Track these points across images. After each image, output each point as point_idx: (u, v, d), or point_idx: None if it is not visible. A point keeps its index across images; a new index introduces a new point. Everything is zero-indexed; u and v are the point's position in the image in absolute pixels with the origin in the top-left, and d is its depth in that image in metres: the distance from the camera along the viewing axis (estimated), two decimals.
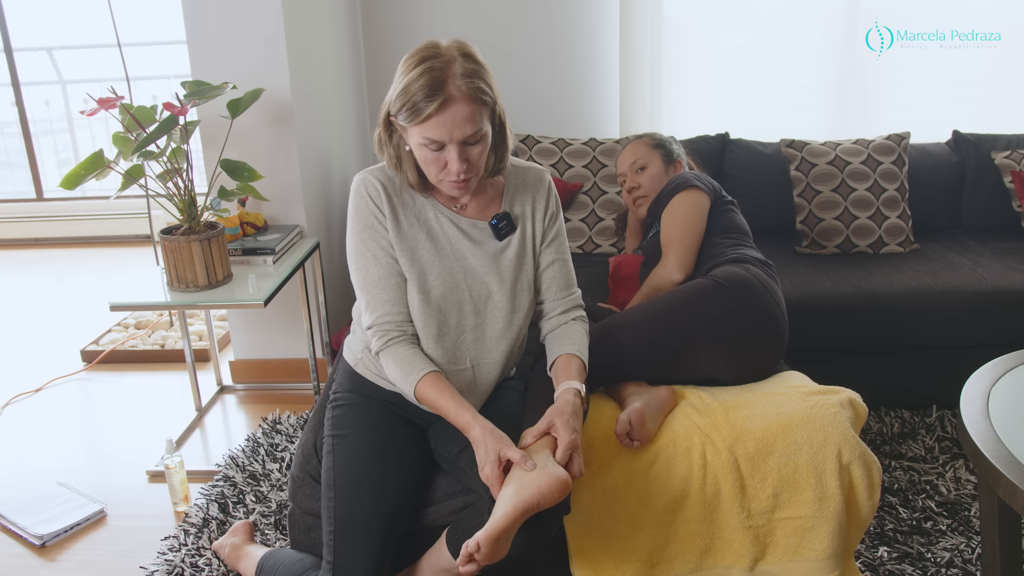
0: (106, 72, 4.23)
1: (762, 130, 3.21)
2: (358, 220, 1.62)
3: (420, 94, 1.43)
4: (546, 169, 1.75)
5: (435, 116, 1.44)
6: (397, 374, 1.58)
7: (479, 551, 1.35)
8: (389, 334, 1.60)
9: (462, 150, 1.48)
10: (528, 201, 1.68)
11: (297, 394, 2.97)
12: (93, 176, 2.29)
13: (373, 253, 1.60)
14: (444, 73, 1.44)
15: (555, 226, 1.71)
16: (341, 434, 1.65)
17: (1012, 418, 1.56)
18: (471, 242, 1.64)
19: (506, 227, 1.65)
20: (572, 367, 1.63)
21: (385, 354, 1.60)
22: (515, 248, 1.66)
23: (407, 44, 3.45)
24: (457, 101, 1.44)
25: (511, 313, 1.65)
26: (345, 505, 1.56)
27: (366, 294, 1.62)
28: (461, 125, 1.45)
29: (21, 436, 2.78)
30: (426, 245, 1.62)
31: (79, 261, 4.72)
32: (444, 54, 1.46)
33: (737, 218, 2.19)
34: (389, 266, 1.60)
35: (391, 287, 1.60)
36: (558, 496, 1.39)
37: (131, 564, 2.08)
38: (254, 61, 2.67)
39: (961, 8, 3.23)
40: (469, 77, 1.45)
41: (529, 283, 1.68)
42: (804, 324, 2.34)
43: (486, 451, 1.46)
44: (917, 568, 1.92)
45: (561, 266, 1.72)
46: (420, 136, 1.48)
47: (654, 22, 3.30)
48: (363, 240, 1.61)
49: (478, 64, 1.48)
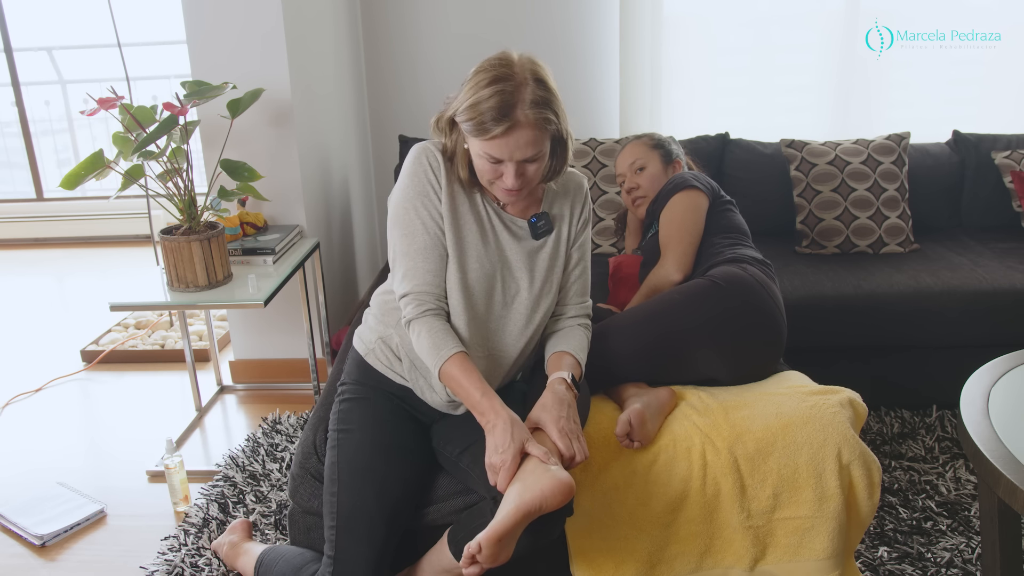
0: (106, 72, 4.24)
1: (762, 130, 3.21)
2: (413, 186, 1.60)
3: (488, 115, 1.45)
4: (584, 176, 1.77)
5: (500, 138, 1.46)
6: (427, 345, 1.56)
7: (481, 552, 1.35)
8: (426, 304, 1.58)
9: (520, 167, 1.51)
10: (567, 204, 1.71)
11: (297, 394, 2.97)
12: (93, 176, 2.29)
13: (423, 220, 1.59)
14: (514, 98, 1.45)
15: (584, 231, 1.73)
16: (346, 428, 1.65)
17: (1012, 418, 1.56)
18: (512, 236, 1.65)
19: (544, 227, 1.67)
20: (563, 361, 1.64)
21: (420, 323, 1.58)
22: (550, 249, 1.68)
23: (407, 44, 3.48)
24: (523, 127, 1.46)
25: (532, 312, 1.66)
26: (348, 499, 1.57)
27: (408, 260, 1.60)
28: (523, 148, 1.48)
29: (21, 436, 2.78)
30: (472, 227, 1.62)
31: (79, 261, 4.72)
32: (516, 76, 1.47)
33: (736, 218, 2.19)
34: (436, 237, 1.60)
35: (435, 258, 1.59)
36: (561, 499, 1.39)
37: (131, 564, 2.08)
38: (254, 61, 2.67)
39: (961, 8, 3.23)
40: (538, 106, 1.46)
41: (556, 285, 1.70)
42: (804, 324, 2.34)
43: (511, 439, 1.45)
44: (917, 568, 1.92)
45: (581, 272, 1.74)
46: (482, 149, 1.50)
47: (654, 22, 3.30)
48: (415, 206, 1.60)
49: (548, 91, 1.49)
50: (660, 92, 3.41)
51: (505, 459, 1.44)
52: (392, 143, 3.52)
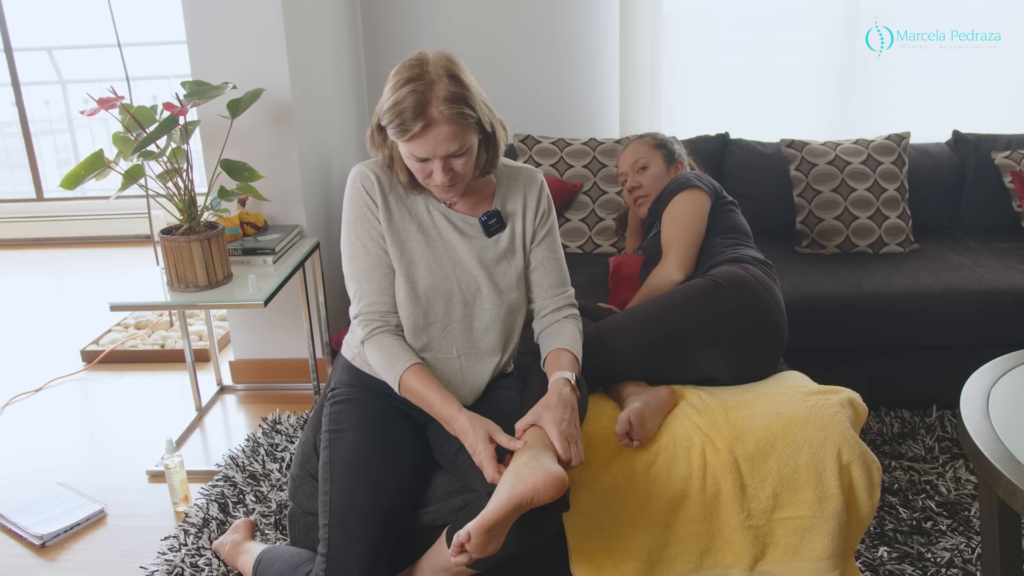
0: (106, 72, 4.24)
1: (762, 130, 3.21)
2: (351, 211, 1.66)
3: (406, 114, 1.48)
4: (539, 170, 1.78)
5: (419, 137, 1.49)
6: (382, 363, 1.62)
7: (470, 541, 1.36)
8: (373, 323, 1.64)
9: (446, 163, 1.54)
10: (519, 199, 1.72)
11: (297, 394, 2.97)
12: (93, 176, 2.29)
13: (363, 243, 1.65)
14: (426, 96, 1.48)
15: (547, 225, 1.74)
16: (338, 429, 1.67)
17: (1012, 418, 1.56)
18: (461, 236, 1.68)
19: (496, 224, 1.69)
20: (563, 359, 1.65)
21: (370, 343, 1.63)
22: (504, 245, 1.70)
23: (407, 44, 3.48)
24: (439, 124, 1.49)
25: (499, 306, 1.68)
26: (341, 497, 1.57)
27: (354, 283, 1.66)
28: (443, 144, 1.51)
29: (21, 436, 2.78)
30: (416, 237, 1.66)
31: (79, 261, 4.72)
32: (429, 74, 1.49)
33: (738, 218, 2.19)
34: (378, 257, 1.64)
35: (379, 277, 1.64)
36: (553, 493, 1.40)
37: (131, 564, 2.08)
38: (254, 61, 2.67)
39: (961, 8, 3.23)
40: (451, 102, 1.48)
41: (518, 279, 1.71)
42: (804, 324, 2.34)
43: (475, 434, 1.51)
44: (917, 568, 1.92)
45: (552, 264, 1.75)
46: (407, 150, 1.54)
47: (654, 22, 3.30)
48: (355, 230, 1.66)
49: (461, 86, 1.51)
50: (660, 92, 3.41)
51: (480, 452, 1.49)
52: None
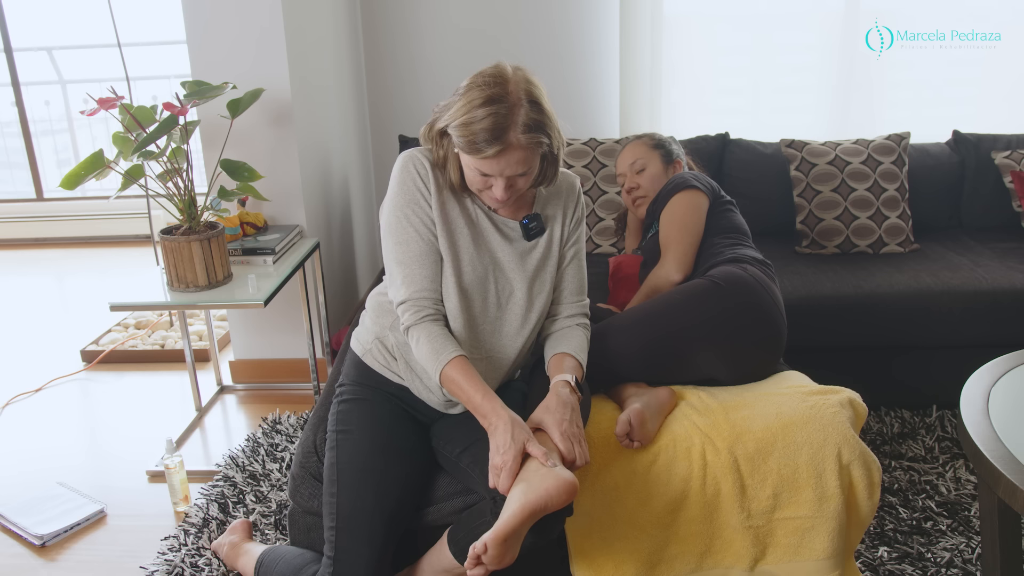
0: (106, 72, 4.23)
1: (762, 130, 3.21)
2: (403, 194, 1.61)
3: (481, 136, 1.45)
4: (577, 176, 1.77)
5: (491, 159, 1.47)
6: (427, 351, 1.56)
7: (487, 553, 1.35)
8: (425, 310, 1.59)
9: (509, 180, 1.52)
10: (559, 205, 1.71)
11: (297, 394, 2.97)
12: (93, 176, 2.29)
13: (416, 227, 1.60)
14: (507, 120, 1.45)
15: (578, 230, 1.74)
16: (345, 430, 1.66)
17: (1012, 418, 1.56)
18: (503, 238, 1.66)
19: (536, 228, 1.67)
20: (565, 363, 1.64)
21: (418, 329, 1.58)
22: (542, 250, 1.68)
23: (407, 43, 3.48)
24: (515, 149, 1.47)
25: (528, 312, 1.66)
26: (347, 500, 1.57)
27: (404, 268, 1.61)
28: (513, 166, 1.49)
29: (21, 436, 2.78)
30: (464, 231, 1.63)
31: (79, 261, 4.72)
32: (511, 96, 1.46)
33: (736, 218, 2.19)
34: (430, 243, 1.61)
35: (431, 264, 1.60)
36: (565, 498, 1.39)
37: (131, 564, 2.08)
38: (254, 61, 2.67)
39: (961, 8, 3.23)
40: (531, 130, 1.46)
41: (550, 285, 1.70)
42: (804, 324, 2.34)
43: (512, 439, 1.45)
44: (917, 568, 1.92)
45: (576, 271, 1.74)
46: (472, 164, 1.51)
47: (654, 22, 3.30)
48: (406, 215, 1.61)
49: (542, 113, 1.49)
50: (660, 92, 3.41)
51: (507, 460, 1.44)
52: (392, 143, 3.52)
